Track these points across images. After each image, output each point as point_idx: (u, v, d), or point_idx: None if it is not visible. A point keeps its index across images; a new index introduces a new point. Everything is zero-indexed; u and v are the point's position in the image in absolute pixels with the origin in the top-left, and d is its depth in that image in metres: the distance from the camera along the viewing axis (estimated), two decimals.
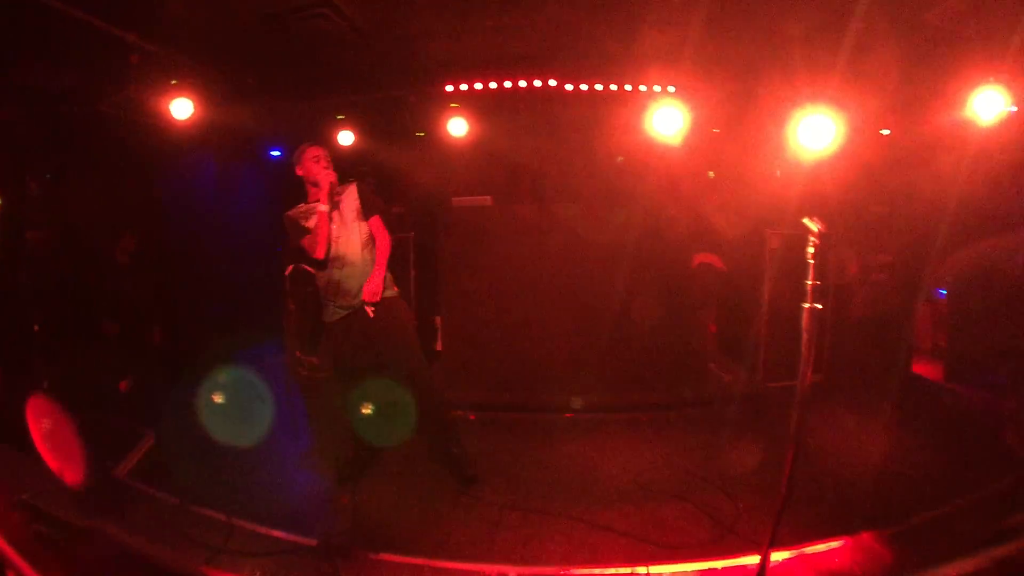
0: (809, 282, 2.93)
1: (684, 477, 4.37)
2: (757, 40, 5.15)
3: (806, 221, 2.82)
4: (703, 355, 6.08)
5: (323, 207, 4.08)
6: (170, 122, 5.15)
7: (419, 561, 3.40)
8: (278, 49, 5.19)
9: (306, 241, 4.17)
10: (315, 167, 4.18)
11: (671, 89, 5.59)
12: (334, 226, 4.19)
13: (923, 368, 6.63)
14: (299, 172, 4.27)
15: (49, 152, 5.41)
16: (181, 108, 5.12)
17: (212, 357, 5.90)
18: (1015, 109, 5.06)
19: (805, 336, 2.97)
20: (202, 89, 5.16)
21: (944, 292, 6.79)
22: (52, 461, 4.15)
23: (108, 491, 4.02)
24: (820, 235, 2.82)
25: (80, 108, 5.24)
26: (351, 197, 4.34)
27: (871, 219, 6.33)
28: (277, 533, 3.63)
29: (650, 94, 5.62)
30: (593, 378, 5.59)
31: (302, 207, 4.28)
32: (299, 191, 4.29)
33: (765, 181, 6.04)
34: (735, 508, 3.92)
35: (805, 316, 2.96)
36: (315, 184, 4.18)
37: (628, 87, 5.60)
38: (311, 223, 4.17)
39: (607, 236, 5.56)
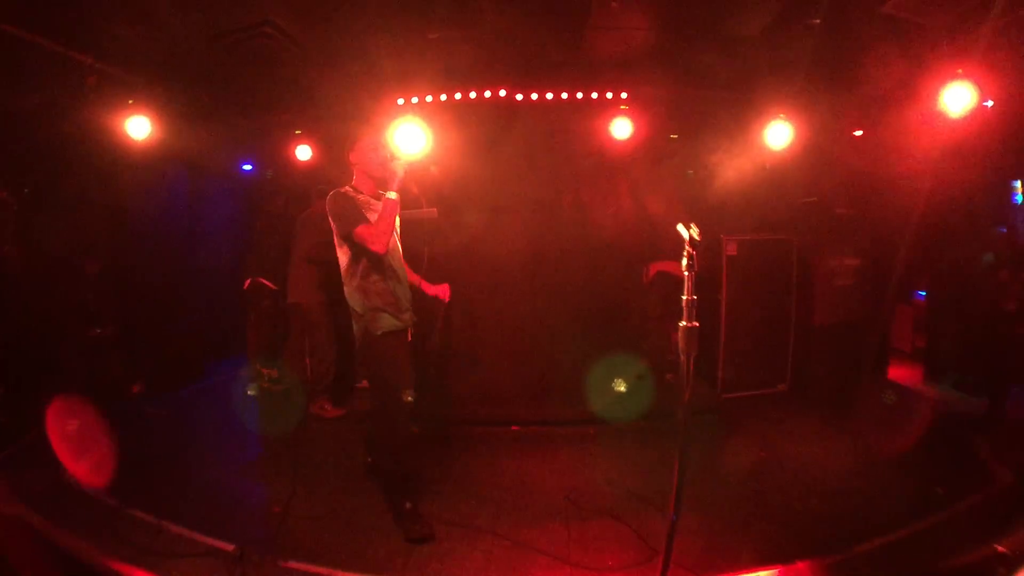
0: (684, 297, 2.68)
1: (621, 494, 4.26)
2: (711, 42, 5.02)
3: (680, 228, 2.62)
4: (660, 366, 5.92)
5: (394, 196, 3.68)
6: (130, 141, 5.25)
7: (323, 571, 3.41)
8: (229, 67, 5.25)
9: (367, 231, 3.64)
10: (374, 157, 3.85)
11: (623, 95, 5.48)
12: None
13: (901, 372, 6.40)
14: (352, 159, 3.92)
15: (23, 170, 5.57)
16: (138, 127, 5.22)
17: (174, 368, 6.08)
18: (991, 104, 4.80)
19: (683, 358, 2.72)
20: (158, 108, 5.24)
21: (923, 293, 6.57)
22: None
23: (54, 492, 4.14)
24: (694, 243, 2.59)
25: (46, 128, 5.37)
26: None
27: (837, 222, 6.10)
28: (201, 537, 3.66)
29: (602, 101, 5.52)
30: (541, 390, 5.50)
31: (350, 193, 3.84)
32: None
33: (723, 186, 5.88)
34: (669, 521, 3.78)
35: (681, 336, 2.69)
36: (371, 176, 3.86)
37: (579, 95, 5.50)
38: (372, 214, 3.75)
39: (560, 245, 5.48)
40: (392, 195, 3.68)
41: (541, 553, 3.59)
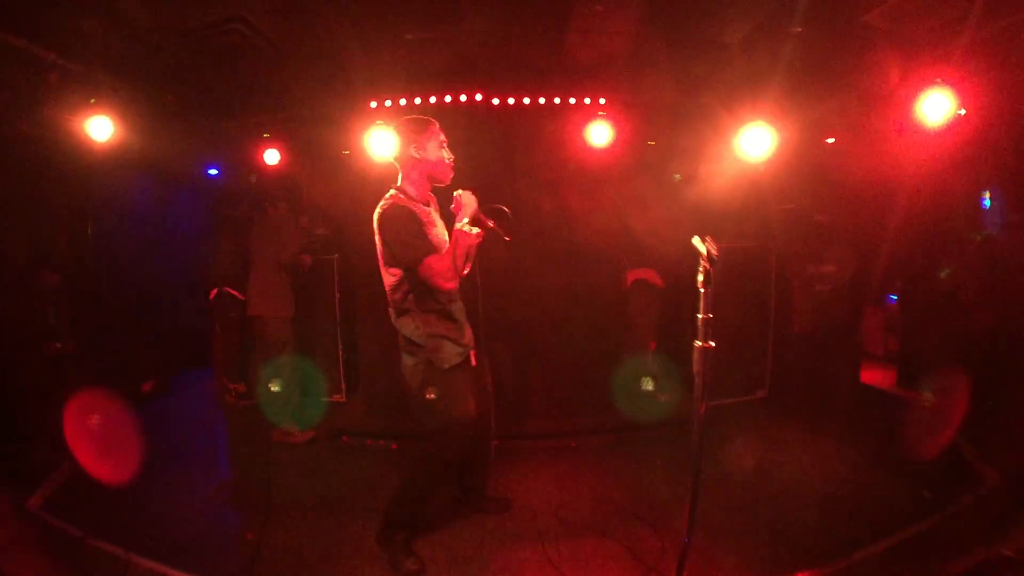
0: (700, 315, 2.51)
1: (610, 509, 4.15)
2: (692, 49, 4.97)
3: (695, 242, 2.47)
4: (640, 375, 5.86)
5: (469, 228, 3.15)
6: (91, 143, 4.97)
7: None
8: (198, 66, 5.02)
9: (438, 265, 3.10)
10: (441, 154, 3.32)
11: (602, 101, 5.40)
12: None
13: (875, 375, 6.48)
14: (416, 151, 3.27)
15: None
16: (100, 128, 4.94)
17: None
18: (963, 112, 4.82)
19: (698, 380, 2.58)
20: (122, 108, 4.98)
21: (895, 297, 6.67)
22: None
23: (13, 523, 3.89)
24: (711, 258, 2.44)
25: (3, 128, 5.08)
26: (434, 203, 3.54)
27: (814, 229, 6.13)
28: (171, 571, 3.44)
29: (580, 106, 5.43)
30: (520, 404, 5.38)
31: (407, 205, 3.23)
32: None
33: (702, 193, 5.85)
34: (661, 544, 3.69)
35: (696, 356, 2.54)
36: (432, 176, 3.34)
37: (557, 100, 5.40)
38: (432, 230, 3.26)
39: (539, 253, 5.37)
40: (468, 227, 3.12)
41: None
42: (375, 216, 3.22)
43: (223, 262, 5.70)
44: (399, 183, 3.34)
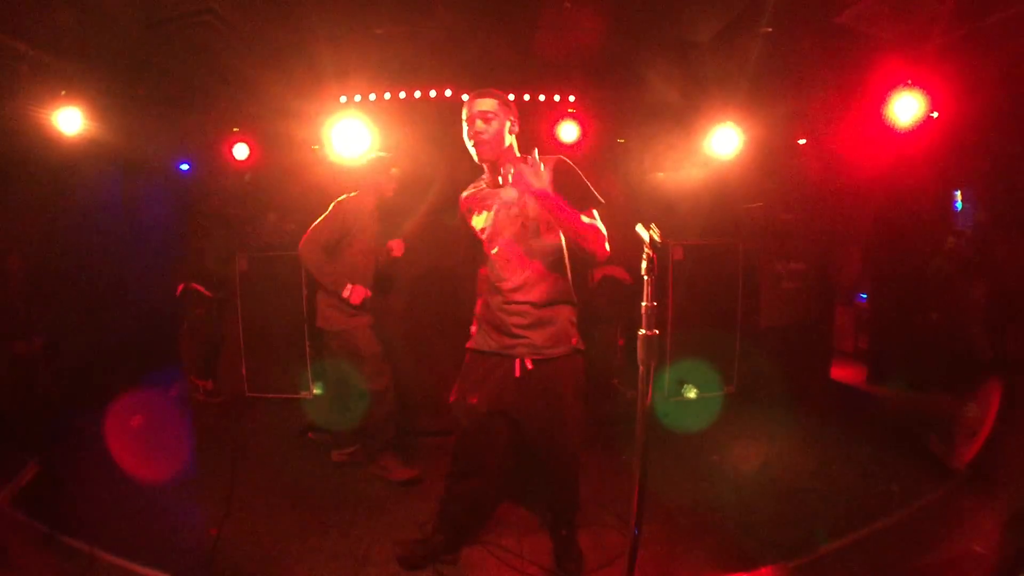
0: (644, 303, 2.45)
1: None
2: (662, 47, 4.99)
3: (639, 229, 2.43)
4: (608, 371, 5.87)
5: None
6: (61, 136, 4.93)
7: None
8: (168, 58, 5.00)
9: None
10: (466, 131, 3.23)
11: (571, 98, 5.41)
12: None
13: (845, 372, 6.53)
14: None
15: None
16: (69, 120, 4.91)
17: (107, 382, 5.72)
18: (936, 115, 4.85)
19: (642, 369, 2.49)
20: (92, 100, 4.94)
21: (865, 296, 6.73)
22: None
23: None
24: (654, 246, 2.39)
25: None
26: None
27: (781, 227, 6.17)
28: (135, 566, 3.42)
29: (550, 103, 5.43)
30: None
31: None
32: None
33: (670, 191, 5.87)
34: (631, 536, 3.70)
35: (640, 346, 2.46)
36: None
37: (527, 96, 5.39)
38: (480, 210, 3.40)
39: None
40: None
41: (496, 566, 3.49)
42: None
43: (194, 257, 5.65)
44: None
